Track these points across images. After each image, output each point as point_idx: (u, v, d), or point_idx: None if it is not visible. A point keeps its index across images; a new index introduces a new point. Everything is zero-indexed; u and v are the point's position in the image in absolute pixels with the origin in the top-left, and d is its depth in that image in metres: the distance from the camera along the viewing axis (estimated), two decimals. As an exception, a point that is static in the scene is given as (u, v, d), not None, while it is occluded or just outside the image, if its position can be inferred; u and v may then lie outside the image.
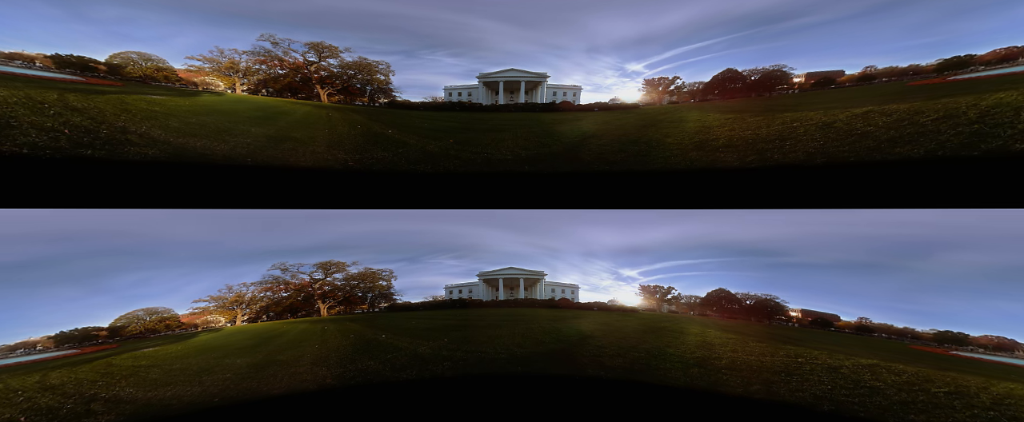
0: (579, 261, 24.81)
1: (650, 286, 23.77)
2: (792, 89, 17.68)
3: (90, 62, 16.26)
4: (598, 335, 19.26)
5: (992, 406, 11.31)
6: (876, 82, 16.24)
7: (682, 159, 14.15)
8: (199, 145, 13.16)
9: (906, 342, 17.12)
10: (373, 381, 14.76)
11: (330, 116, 17.48)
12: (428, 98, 20.25)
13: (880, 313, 17.62)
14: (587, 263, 24.79)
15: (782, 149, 13.44)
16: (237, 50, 18.42)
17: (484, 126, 17.96)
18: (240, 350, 17.14)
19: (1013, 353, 14.97)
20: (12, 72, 14.50)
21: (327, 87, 19.76)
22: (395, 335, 19.30)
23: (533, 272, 25.94)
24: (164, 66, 17.41)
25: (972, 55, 14.52)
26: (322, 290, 23.29)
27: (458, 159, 14.69)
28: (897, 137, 12.21)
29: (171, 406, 12.36)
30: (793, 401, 12.47)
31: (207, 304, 20.81)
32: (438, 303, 25.38)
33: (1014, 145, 10.80)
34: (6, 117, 11.59)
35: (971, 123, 11.68)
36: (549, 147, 15.70)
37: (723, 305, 21.73)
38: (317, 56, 19.63)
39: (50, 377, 14.02)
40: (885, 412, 11.36)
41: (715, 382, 14.08)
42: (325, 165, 13.73)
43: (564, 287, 26.62)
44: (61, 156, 11.16)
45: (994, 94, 12.31)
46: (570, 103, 21.79)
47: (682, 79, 19.64)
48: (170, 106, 14.96)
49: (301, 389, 13.98)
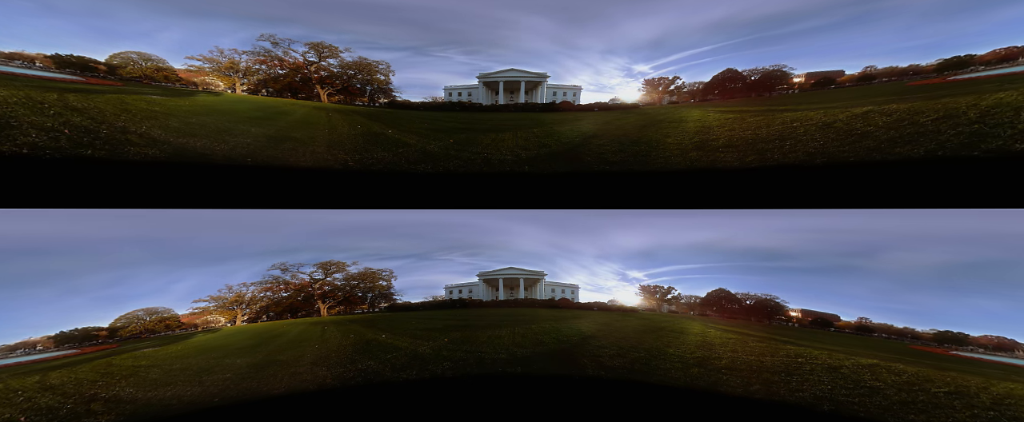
0: (579, 261, 24.82)
1: (650, 286, 23.77)
2: (792, 89, 17.68)
3: (90, 62, 16.26)
4: (598, 335, 19.26)
5: (992, 406, 11.31)
6: (876, 82, 16.24)
7: (682, 159, 14.15)
8: (199, 145, 13.15)
9: (906, 342, 17.12)
10: (373, 381, 14.76)
11: (330, 116, 17.48)
12: (428, 98, 20.26)
13: (880, 313, 17.63)
14: (587, 263, 24.80)
15: (782, 149, 13.43)
16: (237, 50, 18.42)
17: (484, 126, 17.96)
18: (240, 350, 17.14)
19: (1013, 353, 14.97)
20: (12, 72, 14.50)
21: (327, 87, 19.75)
22: (395, 335, 19.30)
23: (533, 272, 25.94)
24: (164, 66, 17.41)
25: (972, 55, 14.52)
26: (322, 290, 23.29)
27: (458, 159, 14.69)
28: (897, 137, 12.21)
29: (171, 406, 12.36)
30: (793, 401, 12.47)
31: (207, 304, 20.81)
32: (438, 303, 25.37)
33: (1014, 145, 10.80)
34: (6, 117, 11.59)
35: (971, 123, 11.68)
36: (549, 147, 15.70)
37: (723, 305, 21.73)
38: (317, 56, 19.63)
39: (50, 377, 14.02)
40: (885, 412, 11.36)
41: (715, 382, 14.08)
42: (325, 165, 13.73)
43: (564, 287, 26.62)
44: (61, 156, 11.16)
45: (994, 94, 12.31)
46: (570, 103, 21.79)
47: (682, 79, 19.65)
48: (170, 106, 14.96)
49: (301, 389, 13.97)
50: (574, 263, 24.87)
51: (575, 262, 24.86)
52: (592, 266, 24.73)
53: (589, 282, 25.16)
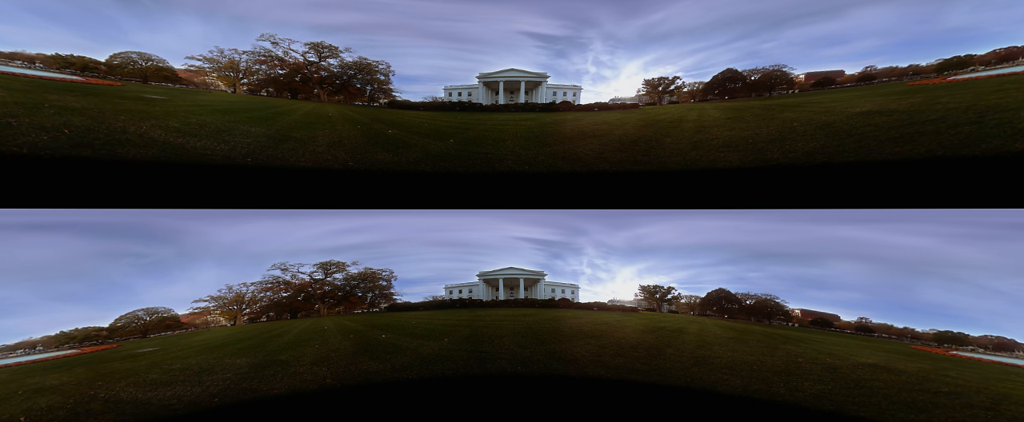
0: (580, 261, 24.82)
1: (650, 286, 23.78)
2: (792, 89, 17.69)
3: (90, 62, 16.26)
4: (598, 335, 19.26)
5: (991, 406, 11.32)
6: (876, 82, 16.24)
7: (682, 159, 14.14)
8: (199, 145, 13.15)
9: (906, 342, 17.13)
10: (373, 381, 14.76)
11: (330, 116, 17.48)
12: (428, 98, 20.26)
13: (880, 313, 17.63)
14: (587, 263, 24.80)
15: (782, 149, 13.43)
16: (237, 50, 18.43)
17: (484, 126, 17.96)
18: (240, 350, 17.15)
19: (1013, 353, 14.98)
20: (12, 72, 14.51)
21: (327, 87, 19.76)
22: (395, 335, 19.31)
23: (533, 272, 25.95)
24: (164, 66, 17.42)
25: (972, 55, 14.53)
26: (322, 290, 23.30)
27: (458, 159, 14.69)
28: (897, 137, 12.21)
29: (171, 406, 12.36)
30: (793, 401, 12.47)
31: (207, 304, 20.82)
32: (438, 303, 25.40)
33: (1014, 145, 10.79)
34: (6, 117, 11.60)
35: (971, 123, 11.68)
36: (549, 147, 15.70)
37: (723, 305, 21.74)
38: (317, 56, 19.64)
39: (50, 377, 14.03)
40: (885, 412, 11.35)
41: (715, 382, 14.07)
42: (325, 165, 13.73)
43: (564, 287, 26.63)
44: (61, 156, 11.16)
45: (994, 94, 12.31)
46: (570, 103, 21.80)
47: (682, 79, 19.65)
48: (170, 106, 14.96)
49: (301, 389, 13.97)
50: (574, 263, 24.89)
51: (575, 262, 24.88)
52: (592, 266, 24.74)
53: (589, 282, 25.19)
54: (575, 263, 24.85)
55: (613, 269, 24.31)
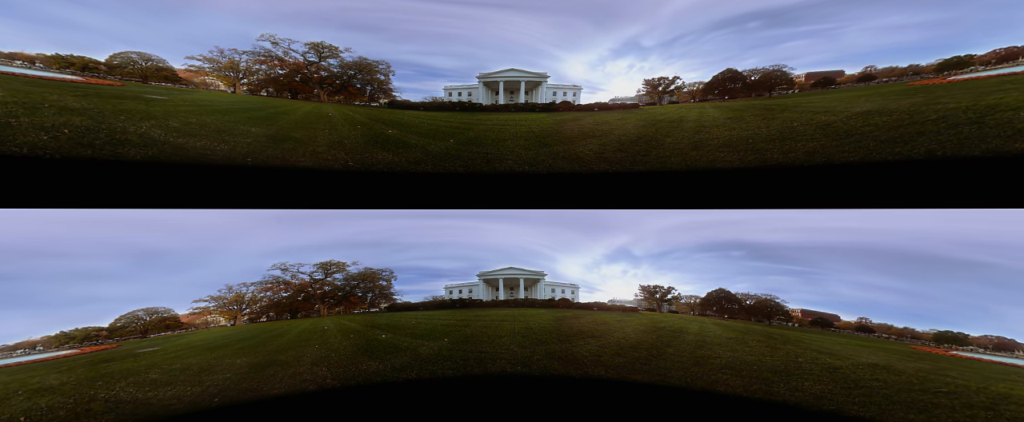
0: (580, 261, 24.82)
1: (650, 286, 23.78)
2: (792, 89, 17.68)
3: (90, 62, 16.26)
4: (598, 335, 19.26)
5: (991, 406, 11.32)
6: (876, 82, 16.24)
7: (682, 159, 14.14)
8: (199, 145, 13.15)
9: (906, 342, 17.12)
10: (373, 381, 14.76)
11: (330, 116, 17.48)
12: (428, 98, 20.25)
13: (880, 313, 17.63)
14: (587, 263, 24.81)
15: (782, 149, 13.43)
16: (237, 50, 18.42)
17: (484, 126, 17.95)
18: (240, 350, 17.14)
19: (1013, 353, 14.98)
20: (12, 72, 14.51)
21: (327, 87, 19.75)
22: (395, 335, 19.31)
23: (533, 272, 25.95)
24: (164, 66, 17.41)
25: (972, 55, 14.52)
26: (322, 290, 23.29)
27: (458, 159, 14.69)
28: (897, 137, 12.21)
29: (171, 406, 12.36)
30: (793, 401, 12.47)
31: (207, 304, 20.82)
32: (438, 303, 25.39)
33: (1014, 145, 10.79)
34: (6, 117, 11.59)
35: (971, 123, 11.68)
36: (549, 147, 15.69)
37: (723, 305, 21.74)
38: (317, 56, 19.63)
39: (50, 377, 14.03)
40: (885, 412, 11.36)
41: (715, 382, 14.07)
42: (325, 165, 13.73)
43: (564, 287, 26.63)
44: (61, 156, 11.16)
45: (994, 94, 12.31)
46: (570, 103, 21.79)
47: (682, 79, 19.65)
48: (170, 106, 14.96)
49: (301, 389, 13.97)
50: (574, 263, 24.89)
51: (575, 262, 24.88)
52: (592, 266, 24.74)
53: (589, 282, 25.19)
54: (575, 263, 24.87)
55: (613, 269, 24.32)
